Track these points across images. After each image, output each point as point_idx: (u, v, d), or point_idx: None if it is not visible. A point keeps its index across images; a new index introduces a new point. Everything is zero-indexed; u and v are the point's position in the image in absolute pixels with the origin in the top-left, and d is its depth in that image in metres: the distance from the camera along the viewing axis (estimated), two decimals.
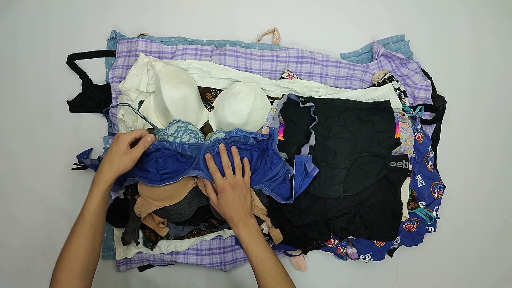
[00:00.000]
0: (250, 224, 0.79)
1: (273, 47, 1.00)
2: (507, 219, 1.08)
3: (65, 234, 0.97)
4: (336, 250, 0.97)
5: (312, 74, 0.98)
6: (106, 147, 0.97)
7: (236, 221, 0.78)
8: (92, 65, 1.01)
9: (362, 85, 1.01)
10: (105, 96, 0.98)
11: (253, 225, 0.79)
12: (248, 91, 0.87)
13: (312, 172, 0.86)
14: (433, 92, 1.02)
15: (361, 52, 1.06)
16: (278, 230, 0.89)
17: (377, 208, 0.91)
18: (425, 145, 0.98)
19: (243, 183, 0.82)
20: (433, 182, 0.98)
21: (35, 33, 1.01)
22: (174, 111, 0.85)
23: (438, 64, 1.07)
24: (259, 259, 0.75)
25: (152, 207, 0.84)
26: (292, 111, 0.92)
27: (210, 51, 0.95)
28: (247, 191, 0.83)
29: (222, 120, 0.89)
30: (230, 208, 0.79)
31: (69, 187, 0.98)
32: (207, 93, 0.93)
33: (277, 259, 0.76)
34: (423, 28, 1.09)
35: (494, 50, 1.10)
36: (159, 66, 0.87)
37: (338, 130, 0.91)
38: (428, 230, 0.98)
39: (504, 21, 1.11)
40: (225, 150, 0.83)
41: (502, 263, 1.07)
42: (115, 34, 0.99)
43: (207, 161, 0.82)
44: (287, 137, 0.91)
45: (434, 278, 1.06)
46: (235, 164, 0.82)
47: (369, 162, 0.91)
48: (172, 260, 0.95)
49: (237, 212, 0.79)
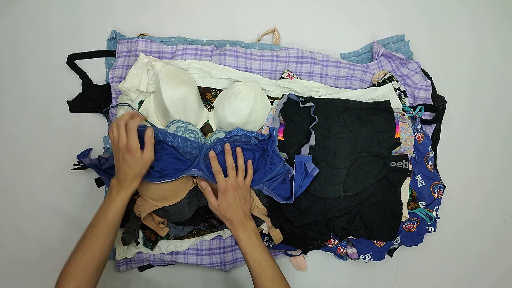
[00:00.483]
0: (249, 227, 0.79)
1: (273, 47, 1.00)
2: (507, 219, 1.08)
3: (65, 234, 0.98)
4: (336, 250, 0.97)
5: (312, 74, 0.98)
6: (106, 147, 0.97)
7: (236, 223, 0.78)
8: (92, 65, 1.01)
9: (362, 85, 1.01)
10: (105, 96, 0.98)
11: (252, 227, 0.80)
12: (249, 91, 0.87)
13: (312, 172, 0.86)
14: (433, 92, 1.02)
15: (361, 52, 1.06)
16: (278, 230, 0.89)
17: (377, 208, 0.91)
18: (425, 145, 0.98)
19: (244, 185, 0.82)
20: (433, 182, 0.98)
21: (35, 33, 1.01)
22: (174, 111, 0.85)
23: (438, 64, 1.07)
24: (257, 262, 0.75)
25: (151, 207, 0.84)
26: (292, 111, 0.92)
27: (210, 51, 0.95)
28: (247, 193, 0.83)
29: (222, 120, 0.89)
30: (231, 210, 0.79)
31: (69, 187, 0.98)
32: (207, 93, 0.93)
33: (274, 263, 0.76)
34: (423, 28, 1.09)
35: (494, 50, 1.10)
36: (159, 66, 0.87)
37: (338, 130, 0.91)
38: (428, 230, 0.98)
39: (504, 21, 1.11)
40: (230, 151, 0.83)
41: (502, 263, 1.07)
42: (115, 34, 0.99)
43: (211, 160, 0.81)
44: (287, 137, 0.91)
45: (434, 278, 1.06)
46: (239, 166, 0.82)
47: (369, 162, 0.91)
48: (172, 260, 0.95)
49: (238, 214, 0.79)
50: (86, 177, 0.98)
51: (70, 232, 0.98)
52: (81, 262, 0.70)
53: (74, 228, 0.98)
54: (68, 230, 0.98)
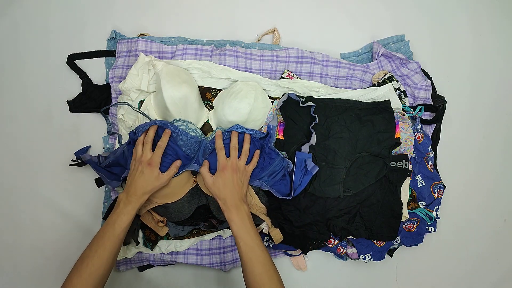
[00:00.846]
0: (243, 210, 0.77)
1: (273, 47, 1.00)
2: (507, 219, 1.08)
3: (65, 234, 0.98)
4: (336, 250, 0.97)
5: (312, 74, 0.99)
6: (107, 147, 0.98)
7: (230, 204, 0.77)
8: (92, 65, 1.01)
9: (362, 85, 1.01)
10: (105, 96, 0.98)
11: (246, 211, 0.78)
12: (249, 90, 0.87)
13: (312, 170, 0.86)
14: (433, 92, 1.02)
15: (361, 52, 1.06)
16: (278, 230, 0.89)
17: (377, 208, 0.91)
18: (425, 145, 0.98)
19: (244, 170, 0.81)
20: (433, 182, 0.98)
21: (35, 33, 1.01)
22: (175, 110, 0.85)
23: (438, 64, 1.07)
24: (249, 246, 0.74)
25: (152, 204, 0.84)
26: (292, 110, 0.92)
27: (210, 51, 0.95)
28: (246, 179, 0.81)
29: (222, 119, 0.89)
30: (226, 189, 0.77)
31: (69, 187, 0.99)
32: (207, 93, 0.93)
33: (265, 248, 0.76)
34: (423, 28, 1.09)
35: (494, 50, 1.10)
36: (160, 65, 0.87)
37: (338, 130, 0.91)
38: (428, 230, 0.98)
39: (504, 21, 1.11)
40: (237, 134, 0.82)
41: (502, 263, 1.07)
42: (115, 34, 0.99)
43: (216, 137, 0.80)
44: (287, 137, 0.91)
45: (434, 278, 1.05)
46: (243, 150, 0.82)
47: (369, 162, 0.91)
48: (172, 260, 0.95)
49: (232, 195, 0.77)
50: (86, 177, 0.98)
51: (70, 232, 0.98)
52: (86, 273, 0.70)
53: (74, 228, 0.98)
54: (68, 230, 0.98)
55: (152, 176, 0.77)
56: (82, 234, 0.98)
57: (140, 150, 0.79)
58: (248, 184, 0.83)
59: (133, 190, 0.77)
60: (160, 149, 0.78)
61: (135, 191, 0.76)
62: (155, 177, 0.77)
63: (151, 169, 0.77)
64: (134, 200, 0.76)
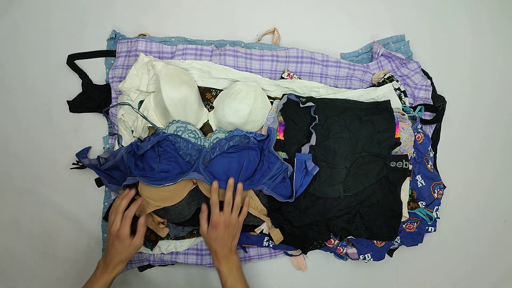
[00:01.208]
0: (232, 261, 0.82)
1: (273, 47, 1.00)
2: (507, 219, 1.08)
3: (64, 235, 0.98)
4: (336, 250, 0.97)
5: (312, 74, 0.98)
6: (107, 147, 0.98)
7: (219, 256, 0.81)
8: (92, 65, 1.01)
9: (362, 85, 1.01)
10: (105, 96, 0.98)
11: (235, 262, 0.82)
12: (249, 91, 0.87)
13: (312, 171, 0.86)
14: (433, 92, 1.02)
15: (361, 52, 1.06)
16: (278, 230, 0.89)
17: (377, 208, 0.91)
18: (425, 145, 0.98)
19: (236, 223, 0.83)
20: (433, 182, 0.98)
21: (35, 33, 1.01)
22: (174, 111, 0.85)
23: (438, 64, 1.07)
24: None
25: (152, 207, 0.84)
26: (292, 111, 0.92)
27: (210, 51, 0.95)
28: (238, 230, 0.84)
29: (222, 119, 0.89)
30: (217, 243, 0.81)
31: (69, 187, 0.98)
32: (207, 93, 0.93)
33: None
34: (423, 28, 1.09)
35: (494, 50, 1.10)
36: (159, 66, 0.87)
37: (338, 130, 0.91)
38: (428, 230, 0.98)
39: (504, 21, 1.11)
40: (232, 186, 0.84)
41: (502, 263, 1.07)
42: (115, 34, 0.99)
43: (212, 192, 0.82)
44: (287, 137, 0.91)
45: (434, 278, 1.06)
46: (235, 203, 0.83)
47: (369, 162, 0.91)
48: (172, 260, 0.95)
49: (222, 248, 0.81)
50: (86, 177, 0.98)
51: (70, 231, 0.98)
52: None
53: (74, 228, 0.98)
54: (68, 230, 0.98)
55: (123, 247, 0.79)
56: (82, 234, 0.98)
57: (112, 218, 0.81)
58: (239, 233, 0.86)
59: (109, 260, 0.80)
60: (127, 219, 0.79)
61: (111, 260, 0.79)
62: (127, 246, 0.79)
63: (120, 241, 0.79)
64: (110, 270, 0.79)
